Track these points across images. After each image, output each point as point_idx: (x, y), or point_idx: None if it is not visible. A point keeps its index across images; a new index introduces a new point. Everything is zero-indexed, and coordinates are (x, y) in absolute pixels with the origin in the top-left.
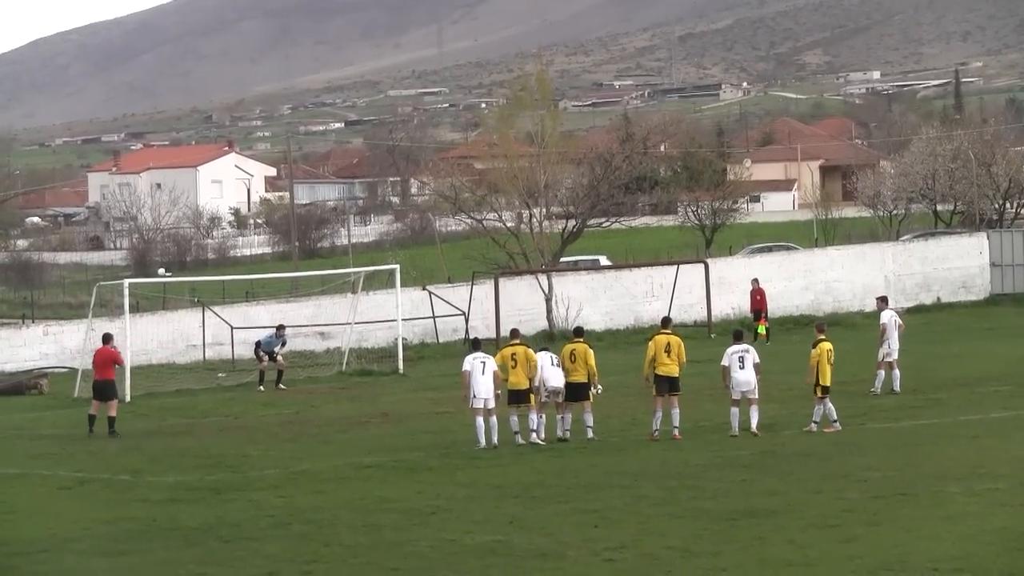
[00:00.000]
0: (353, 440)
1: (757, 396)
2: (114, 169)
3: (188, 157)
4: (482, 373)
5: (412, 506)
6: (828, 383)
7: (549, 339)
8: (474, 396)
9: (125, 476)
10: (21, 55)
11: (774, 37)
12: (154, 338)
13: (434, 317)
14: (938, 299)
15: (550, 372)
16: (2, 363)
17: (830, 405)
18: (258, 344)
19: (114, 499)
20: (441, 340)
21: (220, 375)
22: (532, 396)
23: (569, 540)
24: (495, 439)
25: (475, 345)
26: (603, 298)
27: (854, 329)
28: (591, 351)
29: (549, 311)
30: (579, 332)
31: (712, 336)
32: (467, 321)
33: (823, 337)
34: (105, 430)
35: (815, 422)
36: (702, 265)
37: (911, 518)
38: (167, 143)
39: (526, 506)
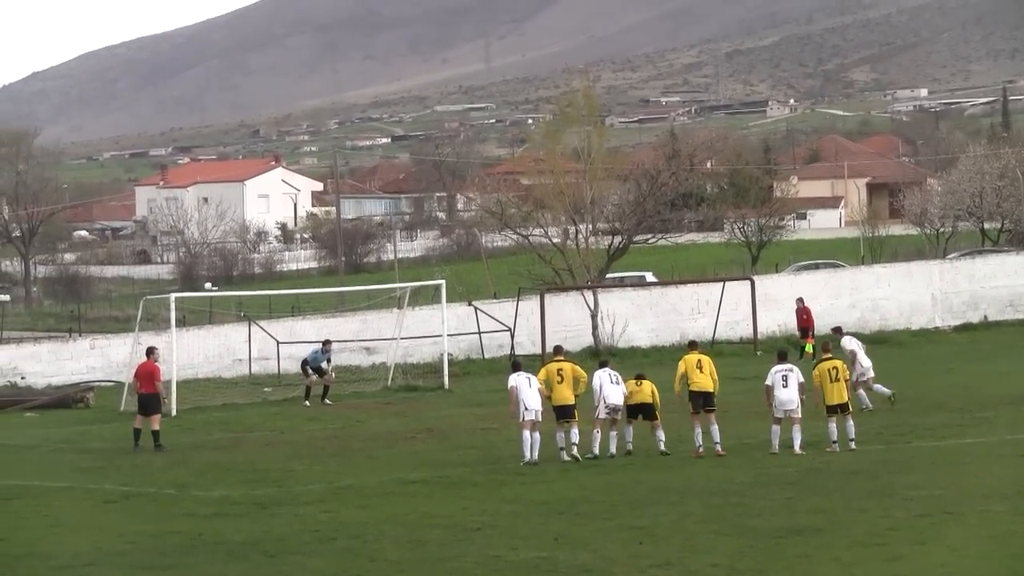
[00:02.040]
0: (398, 455)
1: (800, 416)
2: (161, 183)
3: (235, 171)
4: (529, 387)
5: (457, 522)
6: (836, 401)
7: (596, 356)
8: (525, 408)
9: (171, 490)
10: (70, 69)
11: (821, 54)
12: (200, 352)
13: (480, 333)
14: (985, 317)
15: (610, 389)
16: (49, 376)
17: (850, 422)
18: (305, 362)
19: (160, 513)
20: (487, 356)
21: (266, 390)
22: (576, 411)
23: (614, 557)
24: (535, 455)
25: (516, 367)
26: (649, 315)
27: (901, 347)
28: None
29: (595, 327)
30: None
31: (758, 353)
32: (513, 337)
33: (827, 356)
34: (151, 444)
35: (834, 442)
36: (748, 282)
37: (957, 537)
38: (214, 157)
39: (571, 522)
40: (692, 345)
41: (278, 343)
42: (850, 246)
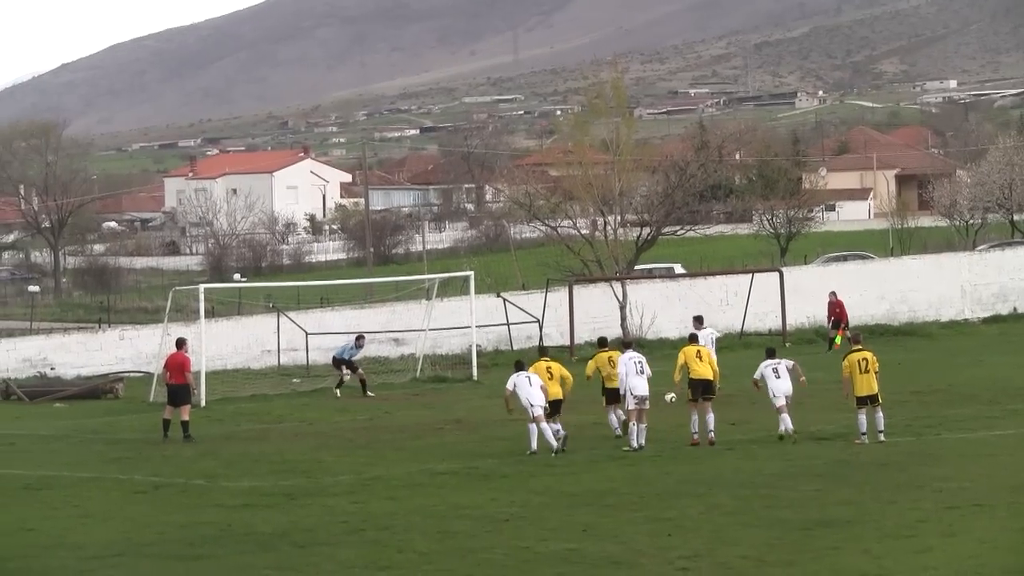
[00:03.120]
0: (427, 446)
1: (787, 403)
2: (190, 174)
3: (264, 163)
4: (531, 385)
5: (486, 513)
6: (865, 392)
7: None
8: (531, 405)
9: (200, 481)
10: (98, 61)
11: (850, 45)
12: (229, 343)
13: (508, 324)
14: (1014, 309)
15: (635, 380)
16: (78, 367)
17: (879, 414)
18: (339, 359)
19: (189, 504)
20: (515, 347)
21: (295, 380)
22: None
23: (643, 548)
24: (535, 445)
25: (518, 366)
26: (677, 306)
27: (930, 339)
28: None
29: (623, 319)
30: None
31: (787, 345)
32: (541, 328)
33: (858, 347)
34: (180, 435)
35: (863, 434)
36: (777, 274)
37: (987, 529)
38: (243, 149)
39: (600, 514)
40: (692, 338)
41: (307, 334)
42: (879, 238)
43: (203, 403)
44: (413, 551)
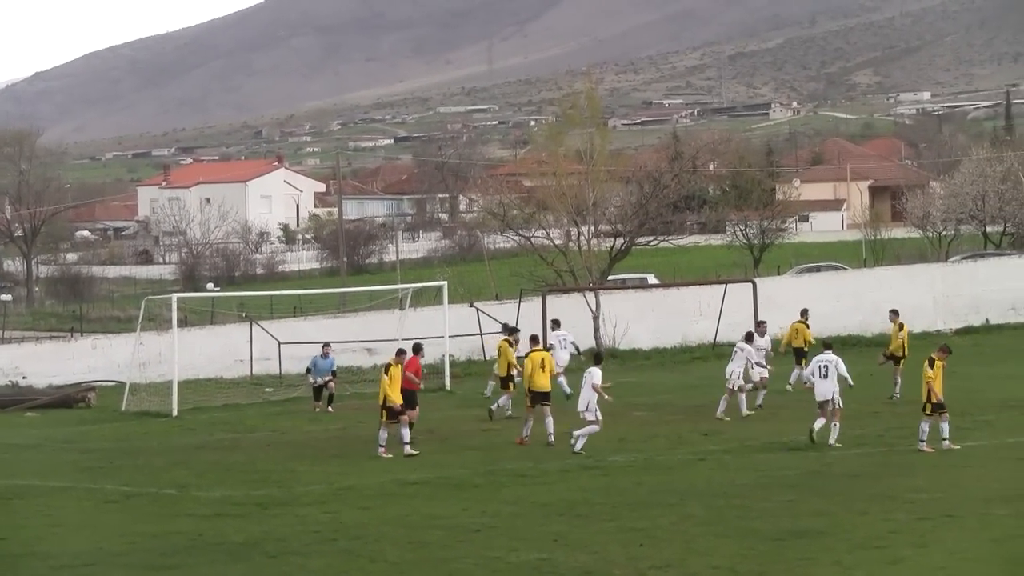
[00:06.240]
0: (399, 457)
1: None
2: (164, 183)
3: (238, 172)
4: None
5: (458, 523)
6: (924, 400)
7: (596, 358)
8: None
9: (171, 490)
10: (73, 69)
11: (824, 57)
12: (202, 352)
13: (481, 334)
14: (987, 320)
15: (819, 385)
16: (51, 376)
17: (921, 422)
18: (309, 371)
19: (161, 513)
20: (488, 357)
21: (267, 390)
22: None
23: (614, 558)
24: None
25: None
26: (651, 316)
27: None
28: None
29: (596, 329)
30: (535, 340)
31: None
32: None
33: (933, 356)
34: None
35: (922, 440)
36: (750, 284)
37: (958, 540)
38: (217, 158)
39: (571, 524)
40: (534, 340)
41: (279, 343)
42: (852, 249)
43: (175, 413)
44: (385, 561)
